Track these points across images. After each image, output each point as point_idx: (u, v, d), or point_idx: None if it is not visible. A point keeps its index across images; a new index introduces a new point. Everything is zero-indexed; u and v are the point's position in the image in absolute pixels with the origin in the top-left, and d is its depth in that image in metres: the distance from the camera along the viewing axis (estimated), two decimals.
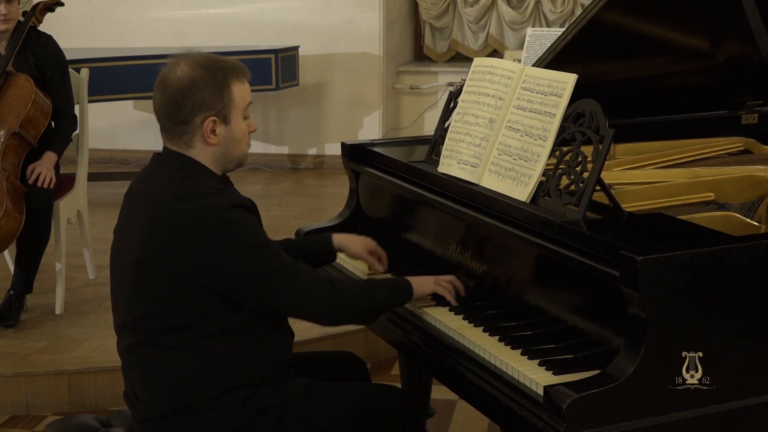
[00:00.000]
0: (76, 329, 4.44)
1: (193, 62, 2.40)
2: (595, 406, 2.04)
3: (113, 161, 8.06)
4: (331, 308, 2.44)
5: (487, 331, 2.45)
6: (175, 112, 2.40)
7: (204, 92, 2.37)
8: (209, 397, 2.39)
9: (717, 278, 2.15)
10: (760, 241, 2.26)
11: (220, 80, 2.39)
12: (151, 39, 7.80)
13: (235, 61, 2.49)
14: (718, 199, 2.91)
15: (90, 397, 4.06)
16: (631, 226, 2.40)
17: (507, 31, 7.99)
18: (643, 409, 2.09)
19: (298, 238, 3.31)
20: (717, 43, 3.07)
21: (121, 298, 2.46)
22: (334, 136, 7.88)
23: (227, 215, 2.33)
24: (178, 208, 2.34)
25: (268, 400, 2.43)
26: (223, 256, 2.32)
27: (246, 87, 2.46)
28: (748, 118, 3.57)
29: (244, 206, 2.39)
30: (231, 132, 2.43)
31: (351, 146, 3.27)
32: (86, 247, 5.06)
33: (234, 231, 2.34)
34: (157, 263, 2.34)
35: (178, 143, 2.43)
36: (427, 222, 2.95)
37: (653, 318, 2.06)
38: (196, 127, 2.40)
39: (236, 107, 2.42)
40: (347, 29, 7.82)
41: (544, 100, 2.52)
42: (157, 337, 2.38)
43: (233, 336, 2.39)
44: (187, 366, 2.38)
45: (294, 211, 6.58)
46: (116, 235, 2.53)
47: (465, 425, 3.80)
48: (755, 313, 2.20)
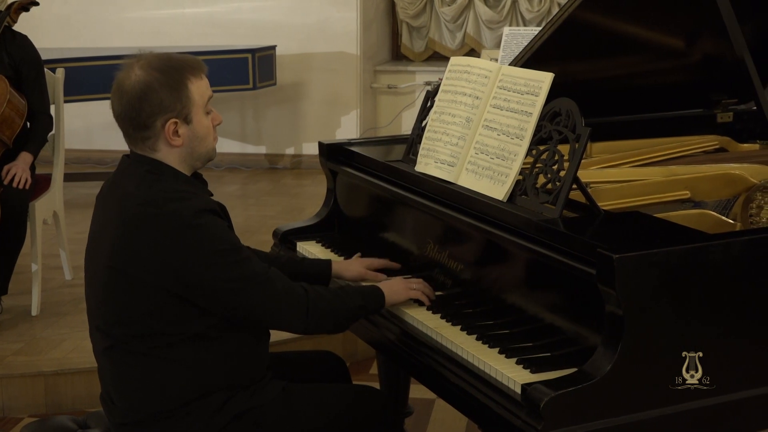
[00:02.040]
0: (52, 330, 4.41)
1: (147, 65, 2.35)
2: (572, 403, 2.04)
3: (89, 161, 8.02)
4: (304, 316, 2.41)
5: (464, 329, 2.45)
6: (134, 117, 2.36)
7: (161, 95, 2.33)
8: (184, 402, 2.37)
9: (693, 276, 2.16)
10: (735, 239, 2.28)
11: (176, 80, 2.35)
12: (127, 39, 7.76)
13: (189, 57, 2.44)
14: (693, 197, 2.92)
15: (67, 399, 4.03)
16: (608, 224, 2.41)
17: (484, 30, 8.00)
18: (620, 407, 2.10)
19: (275, 239, 3.30)
20: (692, 42, 3.08)
21: (94, 303, 2.44)
22: (311, 136, 7.88)
23: (195, 220, 2.29)
24: (145, 213, 2.31)
25: (245, 404, 2.41)
26: (191, 262, 2.29)
27: (204, 82, 2.41)
28: (723, 117, 3.59)
29: (213, 211, 2.35)
30: (194, 131, 2.39)
31: (328, 146, 3.26)
32: (62, 247, 5.03)
33: (202, 236, 2.30)
34: (127, 270, 2.31)
35: (143, 147, 2.40)
36: (405, 221, 2.95)
37: (630, 316, 2.07)
38: (158, 130, 2.36)
39: (196, 105, 2.38)
40: (324, 29, 7.81)
41: (520, 99, 2.53)
42: (130, 342, 2.35)
43: (207, 341, 2.36)
44: (160, 372, 2.35)
45: (271, 211, 6.56)
46: (89, 239, 2.50)
47: (443, 424, 3.80)
48: (730, 310, 2.22)
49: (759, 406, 2.24)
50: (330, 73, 7.88)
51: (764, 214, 2.72)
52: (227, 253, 2.32)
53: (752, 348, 2.26)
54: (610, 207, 2.68)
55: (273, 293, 2.37)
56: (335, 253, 3.07)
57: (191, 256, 2.29)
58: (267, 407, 2.43)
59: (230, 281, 2.31)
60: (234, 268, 2.32)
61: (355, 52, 7.81)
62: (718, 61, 3.09)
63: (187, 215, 2.29)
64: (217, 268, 2.30)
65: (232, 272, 2.32)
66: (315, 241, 3.22)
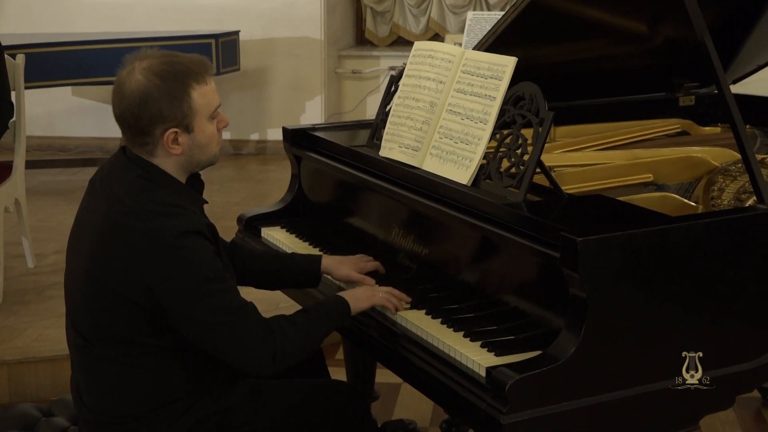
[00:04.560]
0: (15, 319, 4.38)
1: (148, 70, 2.24)
2: (537, 386, 2.05)
3: (51, 148, 7.95)
4: (271, 361, 2.29)
5: (429, 314, 2.46)
6: (133, 123, 2.26)
7: (161, 104, 2.23)
8: (151, 408, 2.33)
9: (655, 258, 2.17)
10: (697, 221, 2.30)
11: (178, 90, 2.24)
12: (88, 24, 7.69)
13: (195, 59, 2.32)
14: (656, 180, 2.95)
15: (30, 387, 4.00)
16: (571, 207, 2.42)
17: (448, 15, 8.00)
18: (585, 389, 2.12)
19: (239, 225, 3.29)
20: (654, 26, 3.10)
21: (71, 299, 2.39)
22: (276, 121, 7.85)
23: (178, 241, 2.19)
24: (128, 225, 2.21)
25: (211, 408, 2.37)
26: (165, 284, 2.19)
27: (209, 88, 2.30)
28: (685, 100, 3.62)
29: (199, 233, 2.24)
30: (195, 139, 2.30)
31: (292, 131, 3.25)
32: (25, 235, 4.99)
33: (182, 260, 2.20)
34: (102, 277, 2.25)
35: (140, 151, 2.31)
36: (369, 206, 2.95)
37: (593, 298, 2.09)
38: (157, 138, 2.27)
39: (198, 114, 2.28)
40: (288, 13, 7.78)
41: (484, 84, 2.53)
42: (100, 347, 2.31)
43: (181, 352, 2.31)
44: (129, 379, 2.31)
45: (236, 197, 6.54)
46: (75, 223, 2.41)
47: (409, 408, 3.81)
48: (692, 292, 2.24)
49: (720, 385, 2.27)
50: (294, 59, 7.86)
51: (725, 196, 2.75)
52: (204, 282, 2.21)
53: (713, 329, 2.28)
54: (574, 190, 2.70)
55: (242, 336, 2.25)
56: (300, 239, 3.07)
57: (165, 278, 2.19)
58: (233, 409, 2.40)
59: (201, 312, 2.22)
60: (208, 299, 2.22)
61: (319, 37, 7.79)
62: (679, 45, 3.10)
63: (170, 236, 2.19)
64: (191, 295, 2.21)
65: (204, 302, 2.21)
66: (280, 226, 3.21)
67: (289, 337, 2.33)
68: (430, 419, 3.74)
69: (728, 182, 2.84)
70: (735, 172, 2.90)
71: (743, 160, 2.48)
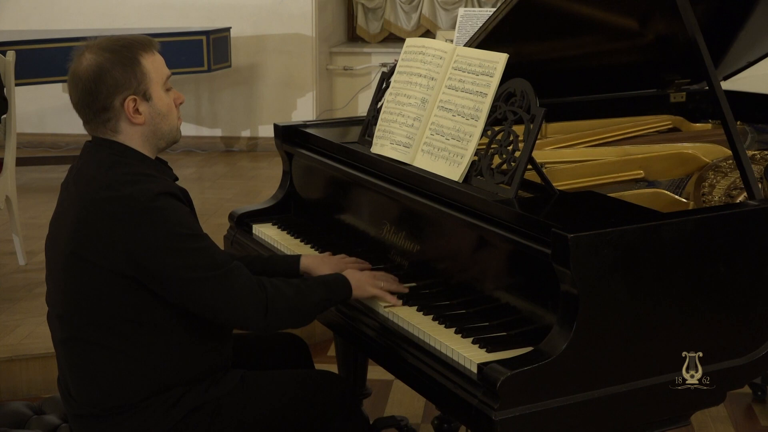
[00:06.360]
0: (6, 316, 4.37)
1: (96, 48, 2.33)
2: (528, 382, 2.06)
3: (42, 146, 7.94)
4: (262, 315, 2.33)
5: (421, 310, 2.46)
6: (92, 101, 2.33)
7: (114, 73, 2.30)
8: (141, 398, 2.33)
9: (646, 254, 2.18)
10: (688, 218, 2.30)
11: (128, 57, 2.32)
12: (79, 21, 7.67)
13: (138, 35, 2.42)
14: (647, 176, 2.95)
15: (22, 385, 3.99)
16: (563, 204, 2.42)
17: (439, 12, 8.00)
18: (576, 385, 2.12)
19: (231, 221, 3.29)
20: (645, 23, 3.10)
21: (54, 290, 2.41)
22: (267, 118, 7.85)
23: (153, 203, 2.24)
24: (105, 196, 2.26)
25: (201, 397, 2.38)
26: (146, 246, 2.23)
27: (157, 58, 2.38)
28: (677, 97, 3.62)
29: (172, 194, 2.30)
30: (155, 107, 2.36)
31: (284, 128, 3.25)
32: (15, 233, 4.98)
33: (158, 219, 2.24)
34: (86, 254, 2.27)
35: (104, 131, 2.37)
36: (361, 203, 2.95)
37: (584, 294, 2.09)
38: (118, 110, 2.33)
39: (153, 81, 2.35)
40: (279, 10, 7.77)
41: (475, 80, 2.53)
42: (88, 332, 2.32)
43: (166, 335, 2.32)
44: (117, 367, 2.32)
45: (228, 194, 6.54)
46: (51, 227, 2.46)
47: (401, 405, 3.81)
48: (683, 288, 2.24)
49: (713, 381, 2.27)
50: (285, 55, 7.85)
51: (716, 192, 2.76)
52: (185, 239, 2.27)
53: (704, 325, 2.28)
54: (565, 187, 2.70)
55: (230, 288, 2.29)
56: (291, 236, 3.07)
57: (146, 239, 2.23)
58: (224, 398, 2.41)
59: (185, 269, 2.25)
60: (191, 256, 2.27)
61: (311, 33, 7.78)
62: (670, 42, 3.11)
63: (144, 198, 2.24)
64: (173, 253, 2.25)
65: (188, 259, 2.26)
66: (271, 223, 3.21)
67: (281, 291, 2.37)
68: (422, 416, 3.75)
69: (719, 178, 2.84)
70: (726, 168, 2.90)
71: (734, 156, 2.48)
